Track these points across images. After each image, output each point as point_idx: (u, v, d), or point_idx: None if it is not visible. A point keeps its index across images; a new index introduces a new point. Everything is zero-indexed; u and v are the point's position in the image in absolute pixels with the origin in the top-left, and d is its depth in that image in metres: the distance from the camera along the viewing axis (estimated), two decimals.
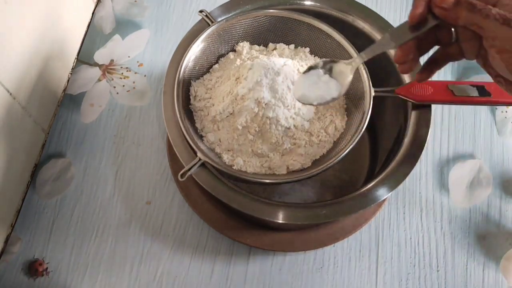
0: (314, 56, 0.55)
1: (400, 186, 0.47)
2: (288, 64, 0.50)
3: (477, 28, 0.36)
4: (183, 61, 0.50)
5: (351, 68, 0.45)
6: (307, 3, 0.55)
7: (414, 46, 0.40)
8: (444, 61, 0.43)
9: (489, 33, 0.35)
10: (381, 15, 0.54)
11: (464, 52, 0.40)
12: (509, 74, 0.36)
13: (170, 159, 0.59)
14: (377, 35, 0.53)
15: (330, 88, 0.46)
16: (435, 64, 0.43)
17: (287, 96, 0.49)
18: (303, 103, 0.47)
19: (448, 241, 0.58)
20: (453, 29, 0.39)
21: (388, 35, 0.41)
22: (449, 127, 0.64)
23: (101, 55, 0.68)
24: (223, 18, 0.53)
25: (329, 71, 0.46)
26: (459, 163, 0.62)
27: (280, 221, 0.45)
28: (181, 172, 0.46)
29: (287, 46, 0.55)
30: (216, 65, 0.54)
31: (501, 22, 0.34)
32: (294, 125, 0.49)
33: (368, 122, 0.48)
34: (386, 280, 0.56)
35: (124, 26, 0.70)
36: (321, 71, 0.46)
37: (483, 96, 0.49)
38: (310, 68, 0.46)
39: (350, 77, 0.45)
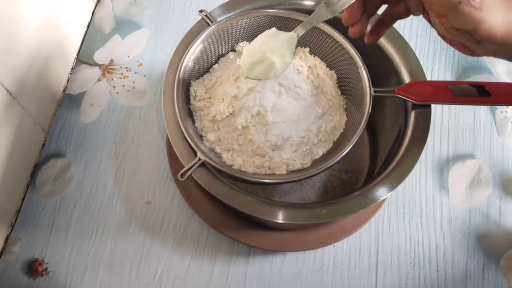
0: (314, 56, 0.55)
1: (400, 186, 0.47)
2: None
3: None
4: (183, 61, 0.50)
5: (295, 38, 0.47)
6: (307, 3, 0.55)
7: (360, 6, 0.41)
8: (391, 20, 0.44)
9: None
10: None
11: (411, 9, 0.41)
12: (448, 34, 0.39)
13: (170, 159, 0.59)
14: None
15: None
16: (383, 24, 0.45)
17: (287, 96, 0.49)
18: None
19: (448, 241, 0.58)
20: None
21: (324, 4, 0.41)
22: (449, 127, 0.64)
23: (101, 55, 0.68)
24: (223, 18, 0.53)
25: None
26: (459, 163, 0.62)
27: (280, 221, 0.45)
28: (181, 172, 0.46)
29: None
30: (216, 65, 0.54)
31: None
32: (294, 125, 0.49)
33: (368, 122, 0.48)
34: (386, 280, 0.56)
35: (124, 26, 0.70)
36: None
37: (483, 96, 0.49)
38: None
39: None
